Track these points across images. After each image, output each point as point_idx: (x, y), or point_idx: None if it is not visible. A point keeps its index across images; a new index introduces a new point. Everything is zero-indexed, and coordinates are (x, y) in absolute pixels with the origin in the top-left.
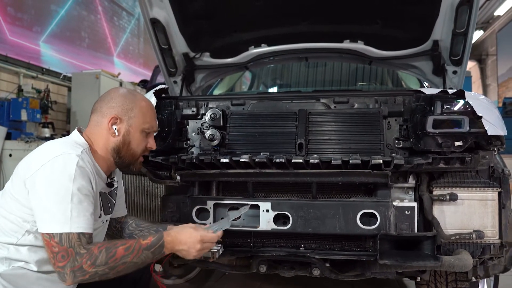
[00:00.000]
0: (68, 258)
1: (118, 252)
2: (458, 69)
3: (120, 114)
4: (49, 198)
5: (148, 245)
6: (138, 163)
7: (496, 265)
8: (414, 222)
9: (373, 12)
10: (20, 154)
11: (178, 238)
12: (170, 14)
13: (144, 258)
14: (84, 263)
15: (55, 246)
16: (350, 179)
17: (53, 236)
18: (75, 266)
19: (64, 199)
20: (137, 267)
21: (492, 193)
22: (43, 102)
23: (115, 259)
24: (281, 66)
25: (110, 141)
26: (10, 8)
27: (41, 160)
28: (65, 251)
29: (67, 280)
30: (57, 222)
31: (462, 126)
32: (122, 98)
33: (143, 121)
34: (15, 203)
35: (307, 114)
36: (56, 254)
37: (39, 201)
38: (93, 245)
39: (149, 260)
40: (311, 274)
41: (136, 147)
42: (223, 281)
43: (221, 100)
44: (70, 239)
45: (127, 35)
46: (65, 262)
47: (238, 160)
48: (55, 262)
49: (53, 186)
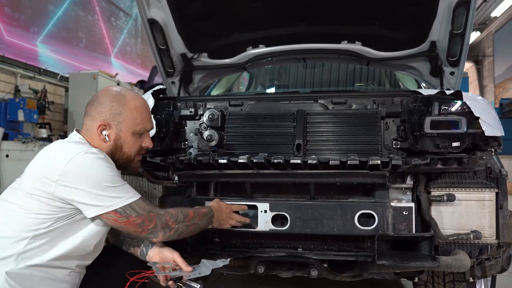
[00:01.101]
0: (154, 219)
1: (190, 214)
2: (456, 70)
3: (108, 119)
4: (97, 185)
5: (205, 212)
6: (135, 162)
7: (493, 266)
8: (412, 223)
9: (371, 13)
10: (17, 154)
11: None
12: (168, 14)
13: (204, 222)
14: (169, 220)
15: (136, 218)
16: (348, 180)
17: (127, 212)
18: (163, 223)
19: (110, 182)
20: (200, 229)
21: (490, 194)
22: (40, 103)
23: (189, 219)
24: (279, 67)
25: (103, 146)
26: (7, 8)
27: (62, 160)
28: (147, 216)
29: (159, 236)
30: (118, 198)
31: (459, 127)
32: (110, 102)
33: (133, 123)
34: (35, 201)
35: (305, 115)
36: (142, 223)
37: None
38: (167, 209)
39: (206, 226)
40: (309, 274)
41: (129, 150)
42: (220, 282)
43: (219, 101)
44: (143, 206)
45: (124, 36)
46: (154, 223)
47: (236, 161)
48: (144, 228)
49: (94, 175)
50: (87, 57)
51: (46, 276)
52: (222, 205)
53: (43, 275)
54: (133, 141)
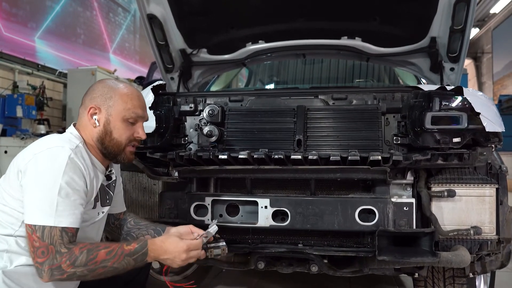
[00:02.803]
0: (47, 255)
1: (100, 255)
2: (456, 66)
3: (99, 103)
4: (36, 189)
5: (131, 251)
6: (127, 153)
7: (493, 261)
8: (412, 218)
9: (371, 8)
10: (15, 150)
11: (163, 248)
12: (167, 9)
13: (126, 264)
14: (63, 263)
15: (36, 240)
16: (349, 176)
17: (35, 230)
18: (54, 264)
19: (52, 191)
20: (117, 272)
21: (490, 190)
22: (38, 99)
23: (95, 262)
24: (278, 63)
25: (93, 132)
26: (5, 3)
27: (34, 151)
28: (45, 247)
29: (44, 277)
30: (41, 214)
31: (460, 123)
32: (102, 88)
33: (123, 108)
34: (9, 195)
35: (305, 110)
36: (36, 249)
37: (27, 191)
38: (75, 245)
39: (130, 267)
40: (309, 270)
41: (119, 137)
42: (220, 277)
43: (219, 96)
44: (52, 235)
45: (123, 32)
46: (44, 259)
47: (236, 157)
48: (35, 257)
49: (42, 177)
50: (85, 53)
51: None
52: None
53: None
54: (123, 127)
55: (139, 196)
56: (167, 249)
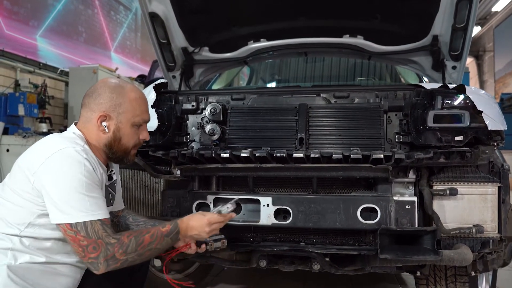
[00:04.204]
0: (99, 249)
1: (145, 239)
2: (458, 64)
3: (108, 110)
4: (61, 190)
5: (168, 232)
6: (131, 155)
7: (495, 260)
8: (414, 217)
9: (373, 6)
10: (17, 149)
11: (189, 225)
12: (169, 8)
13: (165, 244)
14: (116, 252)
15: (82, 240)
16: (351, 174)
17: (78, 230)
18: (108, 255)
19: (77, 189)
20: (159, 252)
21: (492, 188)
22: (40, 97)
23: (143, 246)
24: (280, 61)
25: (102, 137)
26: (6, 2)
27: (44, 154)
28: (94, 242)
29: (100, 268)
30: (76, 212)
31: (462, 121)
32: (109, 93)
33: (133, 115)
34: (17, 196)
35: (307, 108)
36: (86, 247)
37: (51, 194)
38: (121, 235)
39: (168, 246)
40: (311, 268)
41: (128, 142)
42: (222, 276)
43: (221, 95)
44: (96, 230)
45: (124, 30)
46: (97, 253)
47: (238, 155)
48: (86, 254)
49: (63, 178)
50: (87, 52)
51: (47, 270)
52: (195, 218)
53: (45, 269)
54: (132, 132)
55: (141, 194)
56: (193, 226)
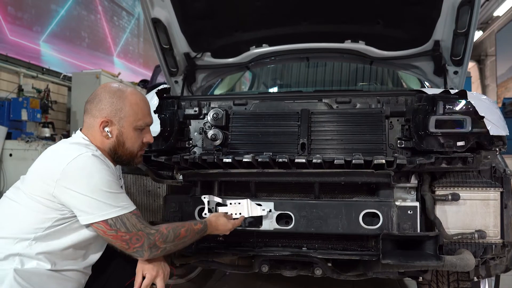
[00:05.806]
0: (142, 239)
1: (182, 233)
2: (459, 69)
3: (110, 116)
4: (90, 192)
5: (199, 229)
6: (138, 158)
7: (498, 265)
8: (416, 222)
9: (375, 12)
10: (20, 154)
11: (216, 227)
12: (172, 13)
13: (194, 239)
14: (157, 240)
15: (124, 235)
16: (353, 179)
17: (118, 228)
18: (151, 243)
19: (105, 188)
20: (187, 245)
21: (494, 193)
22: (43, 102)
23: (180, 238)
24: (282, 66)
25: (106, 142)
26: (10, 7)
27: (64, 160)
28: (135, 234)
29: (145, 255)
30: (109, 208)
31: (464, 126)
32: (110, 98)
33: (135, 118)
34: (34, 202)
35: (309, 114)
36: (129, 240)
37: (81, 197)
38: (159, 227)
39: (195, 240)
40: (313, 274)
41: (132, 146)
42: (224, 281)
43: (223, 100)
44: (134, 224)
45: (127, 35)
46: (141, 242)
47: (240, 160)
48: (130, 245)
49: (90, 179)
50: (89, 57)
51: (53, 275)
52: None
53: (51, 274)
54: (135, 136)
55: (144, 199)
56: (218, 228)
